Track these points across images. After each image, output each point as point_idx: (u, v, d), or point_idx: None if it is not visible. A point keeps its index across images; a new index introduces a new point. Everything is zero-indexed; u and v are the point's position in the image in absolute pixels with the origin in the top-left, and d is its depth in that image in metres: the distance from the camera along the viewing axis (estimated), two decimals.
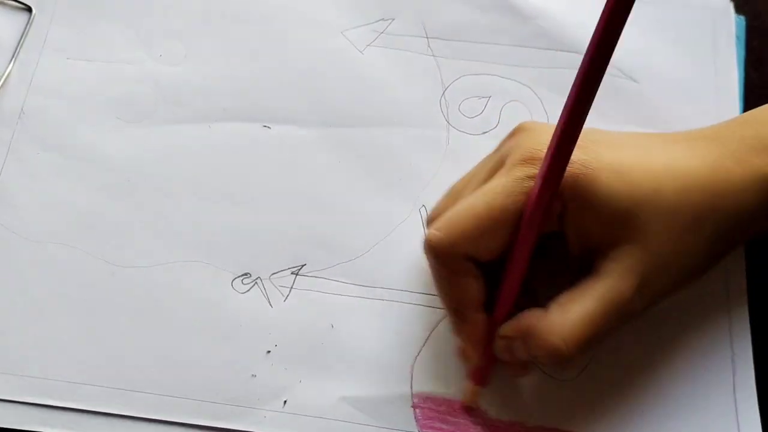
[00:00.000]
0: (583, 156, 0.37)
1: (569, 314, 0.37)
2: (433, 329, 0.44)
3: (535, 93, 0.49)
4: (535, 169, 0.37)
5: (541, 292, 0.40)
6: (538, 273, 0.40)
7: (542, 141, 0.38)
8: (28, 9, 0.52)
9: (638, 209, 0.37)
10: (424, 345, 0.43)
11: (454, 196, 0.42)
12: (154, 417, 0.42)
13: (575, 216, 0.38)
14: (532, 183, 0.37)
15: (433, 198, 0.46)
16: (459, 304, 0.40)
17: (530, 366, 0.41)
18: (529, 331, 0.38)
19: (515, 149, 0.39)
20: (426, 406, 0.42)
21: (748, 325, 0.44)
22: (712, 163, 0.39)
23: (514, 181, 0.38)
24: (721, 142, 0.40)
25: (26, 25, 0.51)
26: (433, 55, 0.51)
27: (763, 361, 0.43)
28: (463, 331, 0.40)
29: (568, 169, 0.36)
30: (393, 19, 0.52)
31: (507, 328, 0.39)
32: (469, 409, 0.42)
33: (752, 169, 0.39)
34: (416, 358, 0.43)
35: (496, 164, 0.40)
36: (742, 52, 0.50)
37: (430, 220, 0.42)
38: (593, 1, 0.51)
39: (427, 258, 0.39)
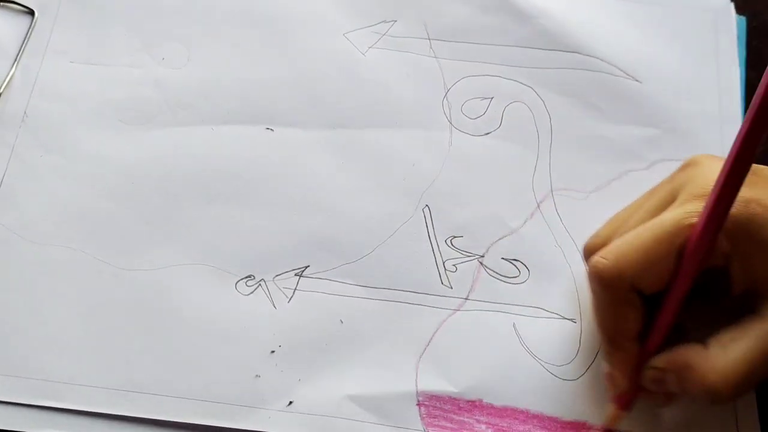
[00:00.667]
0: (754, 194, 0.37)
1: (730, 353, 0.37)
2: (438, 328, 0.44)
3: (537, 94, 0.50)
4: None
5: (692, 328, 0.39)
6: (693, 309, 0.39)
7: (716, 176, 0.37)
8: (31, 12, 0.52)
9: None
10: (428, 344, 0.43)
11: (617, 224, 0.41)
12: (157, 418, 0.42)
13: (743, 256, 0.38)
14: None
15: (436, 198, 0.47)
16: (616, 333, 0.39)
17: (675, 397, 0.40)
18: (686, 365, 0.37)
19: (688, 183, 0.39)
20: (431, 404, 0.42)
21: None
22: None
23: (685, 217, 0.37)
24: None
25: (29, 28, 0.51)
26: (435, 57, 0.51)
27: None
28: (615, 359, 0.40)
29: (737, 206, 0.36)
30: (395, 21, 0.52)
31: (661, 360, 0.39)
32: None
33: None
34: (421, 356, 0.43)
35: (667, 196, 0.40)
36: (743, 52, 0.51)
37: (590, 247, 0.41)
38: (594, 2, 0.52)
39: (591, 285, 0.39)
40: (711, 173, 0.37)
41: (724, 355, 0.37)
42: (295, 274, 0.45)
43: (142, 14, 0.52)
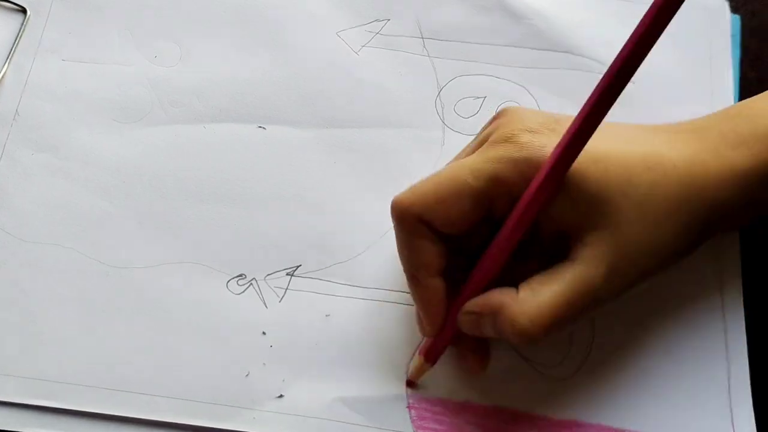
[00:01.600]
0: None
1: (539, 297, 0.38)
2: None
3: (530, 93, 0.50)
4: (505, 152, 0.38)
5: (513, 273, 0.40)
6: (518, 259, 0.40)
7: (520, 125, 0.39)
8: (23, 10, 0.52)
9: (610, 197, 0.38)
10: (419, 346, 0.43)
11: None
12: (149, 418, 0.42)
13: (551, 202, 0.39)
14: (501, 165, 0.38)
15: None
16: (413, 267, 0.40)
17: (485, 364, 0.42)
18: (499, 308, 0.38)
19: (494, 131, 0.40)
20: (421, 406, 0.42)
21: (742, 313, 0.44)
22: (690, 156, 0.40)
23: (482, 161, 0.38)
24: (701, 135, 0.41)
25: (21, 26, 0.51)
26: (429, 56, 0.51)
27: (758, 349, 0.44)
28: (418, 296, 0.41)
29: (541, 151, 0.37)
30: (388, 20, 0.52)
31: (474, 304, 0.39)
32: (411, 384, 0.42)
33: (728, 163, 0.40)
34: (412, 358, 0.43)
35: (476, 145, 0.41)
36: (737, 51, 0.50)
37: None
38: (587, 2, 0.52)
39: (391, 220, 0.40)
40: (515, 121, 0.39)
41: (533, 298, 0.38)
42: (287, 274, 0.45)
43: (135, 12, 0.52)
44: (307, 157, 0.48)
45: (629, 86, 0.49)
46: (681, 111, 0.48)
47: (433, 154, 0.48)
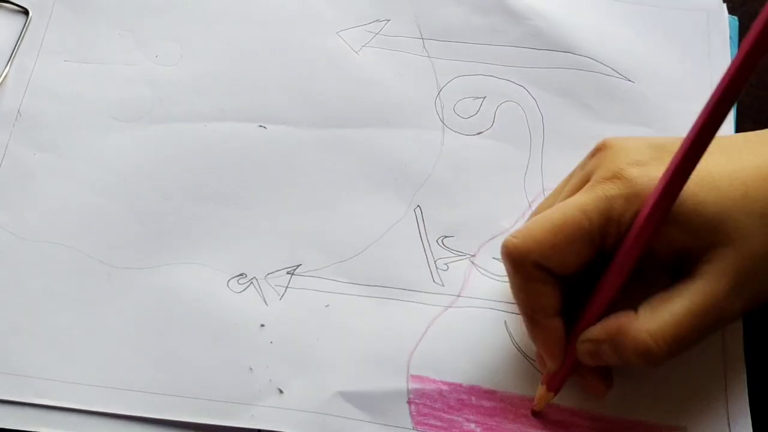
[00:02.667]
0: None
1: (660, 314, 0.37)
2: (429, 326, 0.44)
3: (529, 93, 0.50)
4: (616, 189, 0.38)
5: (620, 303, 0.39)
6: (634, 284, 0.39)
7: (626, 159, 0.38)
8: (25, 12, 0.52)
9: (727, 215, 0.37)
10: (419, 342, 0.43)
11: (538, 211, 0.43)
12: (150, 416, 0.42)
13: (662, 229, 0.38)
14: (613, 204, 0.38)
15: (428, 198, 0.47)
16: (531, 310, 0.40)
17: (609, 385, 0.41)
18: (618, 331, 0.38)
19: (599, 168, 0.39)
20: (421, 402, 0.42)
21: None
22: None
23: (593, 200, 0.38)
24: None
25: (23, 27, 0.52)
26: (428, 56, 0.51)
27: (755, 349, 0.44)
28: (536, 336, 0.40)
29: (651, 183, 0.37)
30: (388, 20, 0.52)
31: (594, 331, 0.39)
32: (535, 414, 0.42)
33: None
34: (412, 354, 0.43)
35: (580, 181, 0.41)
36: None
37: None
38: (587, 2, 0.52)
39: (504, 264, 0.40)
40: (620, 156, 0.39)
41: (655, 316, 0.37)
42: (287, 272, 0.45)
43: (136, 12, 0.52)
44: (307, 157, 0.48)
45: (629, 86, 0.50)
46: (680, 111, 0.49)
47: (433, 154, 0.48)
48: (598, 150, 0.41)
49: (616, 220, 0.38)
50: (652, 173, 0.38)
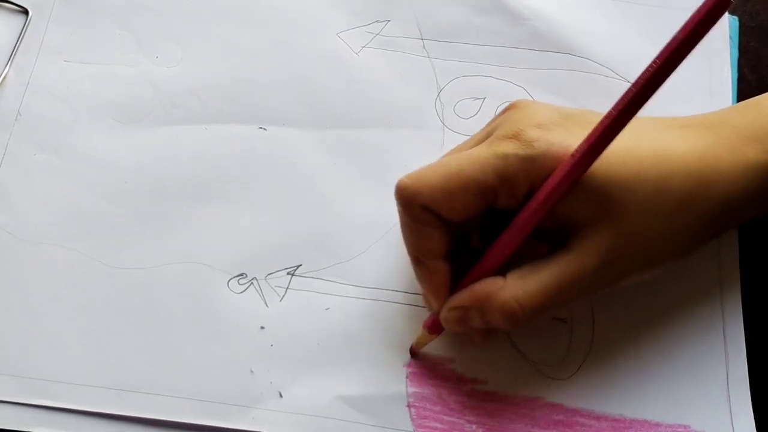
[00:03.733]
0: (567, 138, 0.38)
1: (528, 282, 0.38)
2: None
3: (529, 94, 0.50)
4: (513, 147, 0.38)
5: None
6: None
7: (528, 121, 0.39)
8: (25, 12, 0.52)
9: (615, 191, 0.38)
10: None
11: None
12: (150, 417, 0.42)
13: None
14: (508, 162, 0.38)
15: None
16: (417, 251, 0.41)
17: (489, 336, 0.42)
18: (486, 297, 0.39)
19: (502, 125, 0.40)
20: (421, 405, 0.42)
21: (741, 313, 0.44)
22: (702, 150, 0.40)
23: (489, 155, 0.39)
24: (714, 130, 0.41)
25: (23, 27, 0.51)
26: (428, 57, 0.51)
27: (756, 348, 0.44)
28: (422, 277, 0.41)
29: (549, 149, 0.38)
30: (388, 21, 0.52)
31: (460, 298, 0.40)
32: (412, 354, 0.43)
33: (741, 158, 0.40)
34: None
35: (483, 135, 0.41)
36: (735, 53, 0.51)
37: None
38: (587, 3, 0.52)
39: (396, 203, 0.41)
40: (525, 116, 0.39)
41: (523, 284, 0.38)
42: (288, 273, 0.46)
43: (136, 13, 0.52)
44: (307, 158, 0.48)
45: (628, 86, 0.49)
46: (680, 111, 0.49)
47: (433, 155, 0.48)
48: (507, 108, 0.42)
49: (509, 179, 0.38)
50: (551, 138, 0.38)
